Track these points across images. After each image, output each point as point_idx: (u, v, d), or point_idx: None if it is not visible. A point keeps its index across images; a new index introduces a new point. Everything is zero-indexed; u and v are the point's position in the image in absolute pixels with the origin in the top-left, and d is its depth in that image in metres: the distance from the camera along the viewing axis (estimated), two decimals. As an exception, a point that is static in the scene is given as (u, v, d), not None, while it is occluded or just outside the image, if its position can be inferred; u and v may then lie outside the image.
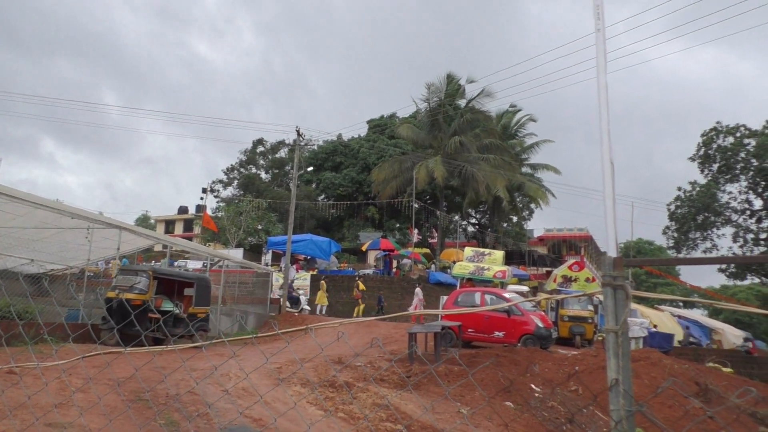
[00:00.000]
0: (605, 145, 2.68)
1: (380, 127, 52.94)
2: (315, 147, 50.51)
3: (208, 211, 45.93)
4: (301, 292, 26.68)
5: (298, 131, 27.12)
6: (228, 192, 55.06)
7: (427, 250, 41.40)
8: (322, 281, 27.16)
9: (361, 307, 26.83)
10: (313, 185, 49.96)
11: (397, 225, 47.44)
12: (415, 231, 41.41)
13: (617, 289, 2.31)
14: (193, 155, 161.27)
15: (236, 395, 8.56)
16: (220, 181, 56.05)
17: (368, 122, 54.52)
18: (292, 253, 27.93)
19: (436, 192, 42.32)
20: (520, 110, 48.17)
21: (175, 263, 34.64)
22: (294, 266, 29.74)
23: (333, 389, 10.34)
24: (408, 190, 38.69)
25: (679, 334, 27.09)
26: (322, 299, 26.24)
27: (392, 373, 12.72)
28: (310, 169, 45.29)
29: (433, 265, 36.91)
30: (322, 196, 50.17)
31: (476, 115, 40.38)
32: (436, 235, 43.15)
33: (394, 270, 33.50)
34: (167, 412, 6.94)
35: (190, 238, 53.00)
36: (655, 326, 25.44)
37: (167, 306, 14.98)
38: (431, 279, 30.86)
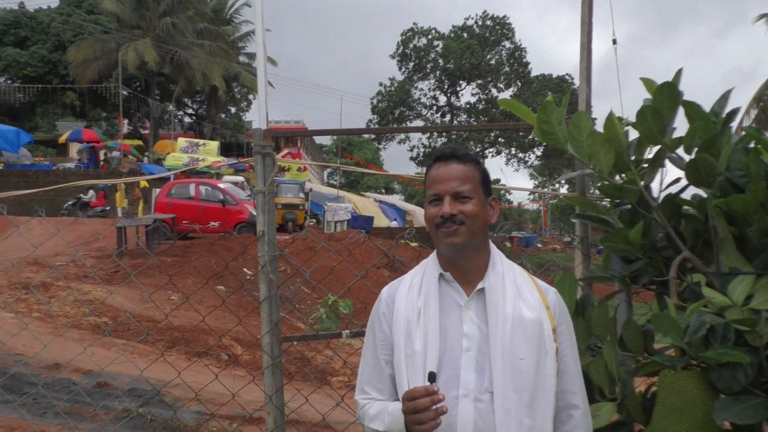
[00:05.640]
0: (260, 41, 3.02)
1: (76, -1, 45.79)
2: (-12, 15, 41.74)
3: None
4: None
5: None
6: None
7: (140, 142, 38.60)
8: (120, 183, 24.07)
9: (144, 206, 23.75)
10: (-9, 63, 41.68)
11: (104, 114, 42.83)
12: (125, 121, 38.07)
13: (266, 156, 2.75)
14: None
15: None
16: None
17: (61, -9, 46.56)
18: (-33, 145, 23.76)
19: (147, 78, 39.06)
20: (234, -7, 46.11)
21: None
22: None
23: (26, 291, 9.59)
24: (114, 75, 34.91)
25: (380, 218, 30.81)
26: (121, 201, 23.52)
27: (99, 270, 12.24)
28: (-16, 42, 37.59)
29: (146, 158, 34.83)
30: (4, 77, 42.26)
31: (189, -5, 37.55)
32: (149, 125, 40.38)
33: (101, 163, 30.76)
34: None
35: None
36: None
37: None
38: (144, 172, 29.26)
